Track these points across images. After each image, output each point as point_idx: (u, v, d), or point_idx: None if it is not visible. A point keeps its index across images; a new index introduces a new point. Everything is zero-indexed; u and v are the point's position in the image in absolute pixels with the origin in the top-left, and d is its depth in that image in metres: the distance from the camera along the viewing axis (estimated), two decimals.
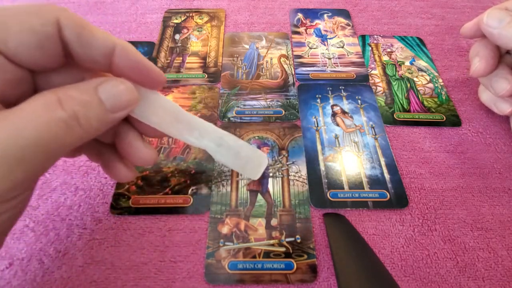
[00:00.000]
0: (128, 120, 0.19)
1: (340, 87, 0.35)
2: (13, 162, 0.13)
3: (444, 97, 0.34)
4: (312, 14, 0.43)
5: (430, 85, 0.35)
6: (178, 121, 0.19)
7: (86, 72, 0.18)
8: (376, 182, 0.28)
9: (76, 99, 0.15)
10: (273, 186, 0.28)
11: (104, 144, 0.20)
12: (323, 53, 0.38)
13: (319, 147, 0.30)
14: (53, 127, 0.14)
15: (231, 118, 0.32)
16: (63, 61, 0.17)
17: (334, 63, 0.37)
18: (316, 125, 0.32)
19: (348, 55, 0.38)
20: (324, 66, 0.37)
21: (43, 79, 0.17)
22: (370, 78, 0.36)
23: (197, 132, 0.19)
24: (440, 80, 0.36)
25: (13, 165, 0.13)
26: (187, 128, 0.19)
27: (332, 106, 0.33)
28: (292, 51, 0.39)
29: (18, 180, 0.14)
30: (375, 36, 0.40)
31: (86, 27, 0.16)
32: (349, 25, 0.42)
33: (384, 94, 0.35)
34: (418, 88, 0.35)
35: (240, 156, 0.19)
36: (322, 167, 0.29)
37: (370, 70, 0.37)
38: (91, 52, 0.16)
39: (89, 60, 0.17)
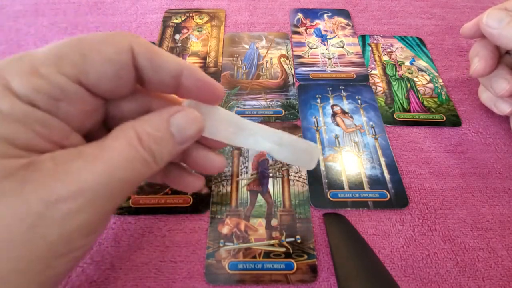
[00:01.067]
0: None
1: (340, 87, 0.35)
2: (106, 199, 0.14)
3: (444, 97, 0.34)
4: (312, 14, 0.43)
5: (430, 85, 0.35)
6: (241, 130, 0.19)
7: (152, 96, 0.18)
8: (376, 182, 0.28)
9: (152, 135, 0.16)
10: (273, 186, 0.28)
11: (171, 164, 0.21)
12: (323, 53, 0.38)
13: (319, 147, 0.30)
14: (138, 165, 0.15)
15: None
16: (135, 88, 0.17)
17: (334, 63, 0.37)
18: (316, 125, 0.32)
19: (348, 55, 0.38)
20: (324, 66, 0.37)
21: (114, 106, 0.17)
22: (370, 78, 0.36)
23: (259, 137, 0.20)
24: (440, 80, 0.36)
25: (105, 202, 0.14)
26: (250, 135, 0.20)
27: (332, 106, 0.33)
28: (292, 51, 0.39)
29: (106, 215, 0.15)
30: (375, 36, 0.40)
31: (157, 52, 0.16)
32: (349, 25, 0.42)
33: (384, 94, 0.35)
34: (418, 88, 0.35)
35: (296, 151, 0.20)
36: (322, 167, 0.29)
37: (370, 70, 0.37)
38: (162, 76, 0.17)
39: (159, 84, 0.17)
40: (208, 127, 0.19)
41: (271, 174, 0.28)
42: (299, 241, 0.25)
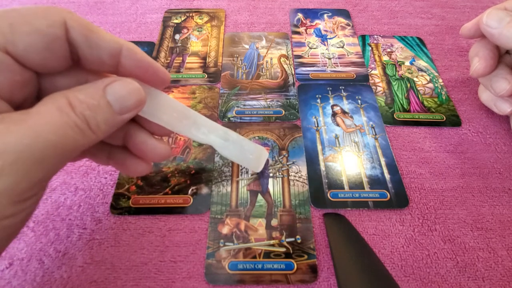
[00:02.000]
0: (136, 120, 0.20)
1: (340, 87, 0.35)
2: (33, 163, 0.14)
3: (444, 97, 0.34)
4: (312, 14, 0.43)
5: (430, 85, 0.35)
6: (186, 118, 0.19)
7: (90, 74, 0.18)
8: (376, 182, 0.28)
9: (85, 103, 0.15)
10: (273, 186, 0.28)
11: (114, 146, 0.20)
12: (323, 53, 0.38)
13: (319, 147, 0.30)
14: (68, 130, 0.14)
15: (231, 118, 0.32)
16: (70, 63, 0.17)
17: (334, 63, 0.37)
18: (316, 125, 0.32)
19: (348, 55, 0.38)
20: (324, 66, 0.37)
21: (48, 81, 0.17)
22: (370, 78, 0.36)
23: (204, 129, 0.19)
24: (440, 80, 0.36)
25: (32, 166, 0.14)
26: (195, 125, 0.19)
27: (332, 106, 0.33)
28: (292, 51, 0.39)
29: (35, 181, 0.14)
30: (375, 36, 0.40)
31: (93, 29, 0.16)
32: (349, 25, 0.42)
33: (384, 94, 0.35)
34: (418, 88, 0.35)
35: (244, 149, 0.20)
36: (322, 167, 0.29)
37: (370, 70, 0.37)
38: (99, 53, 0.16)
39: (96, 61, 0.17)
40: (150, 109, 0.18)
41: (271, 174, 0.28)
42: (299, 241, 0.25)
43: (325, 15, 0.43)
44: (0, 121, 0.14)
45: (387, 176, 0.28)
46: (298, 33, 0.41)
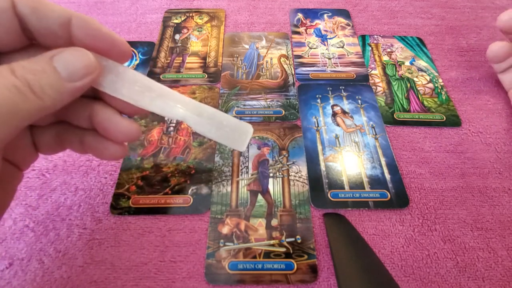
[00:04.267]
0: (101, 99, 0.19)
1: (340, 87, 0.35)
2: None
3: (444, 97, 0.34)
4: (312, 14, 0.43)
5: (430, 85, 0.35)
6: (149, 91, 0.18)
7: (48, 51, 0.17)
8: (376, 182, 0.28)
9: (28, 68, 0.15)
10: (274, 186, 0.28)
11: (86, 130, 0.20)
12: (323, 53, 0.38)
13: (319, 147, 0.30)
14: (5, 92, 0.14)
15: None
16: (24, 40, 0.17)
17: (334, 63, 0.37)
18: (316, 125, 0.32)
19: (348, 55, 0.38)
20: (324, 66, 0.37)
21: (6, 60, 0.16)
22: (370, 78, 0.36)
23: (172, 102, 0.18)
24: (440, 80, 0.36)
25: None
26: (161, 99, 0.18)
27: (332, 106, 0.33)
28: (292, 51, 0.39)
29: None
30: (375, 36, 0.40)
31: (41, 1, 0.16)
32: (349, 25, 0.42)
33: (384, 94, 0.35)
34: (418, 88, 0.35)
35: (222, 125, 0.18)
36: (322, 167, 0.29)
37: (370, 70, 0.37)
38: (48, 24, 0.16)
39: (47, 34, 0.16)
40: (109, 82, 0.17)
41: (271, 174, 0.28)
42: (299, 241, 0.25)
43: (325, 15, 0.43)
44: None
45: (387, 176, 0.28)
46: (298, 33, 0.41)
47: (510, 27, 0.28)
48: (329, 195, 0.27)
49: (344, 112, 0.33)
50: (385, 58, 0.38)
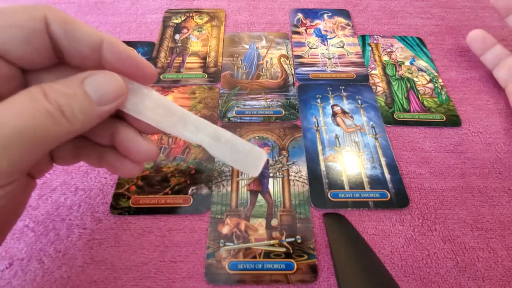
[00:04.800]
0: (124, 118, 0.19)
1: (340, 87, 0.35)
2: None
3: (444, 97, 0.34)
4: (312, 14, 0.43)
5: (430, 85, 0.35)
6: (172, 115, 0.18)
7: (76, 71, 0.17)
8: (376, 182, 0.28)
9: (60, 91, 0.15)
10: (274, 186, 0.28)
11: (105, 147, 0.20)
12: (323, 53, 0.38)
13: (319, 147, 0.30)
14: (38, 116, 0.14)
15: (231, 118, 0.32)
16: (54, 59, 0.17)
17: (334, 63, 0.37)
18: (316, 125, 0.32)
19: (348, 55, 0.38)
20: (324, 66, 0.37)
21: (35, 78, 0.17)
22: (370, 78, 0.36)
23: (192, 127, 0.18)
24: (440, 80, 0.36)
25: None
26: (182, 123, 0.18)
27: (332, 106, 0.33)
28: (292, 51, 0.39)
29: (2, 169, 0.14)
30: (375, 36, 0.40)
31: (73, 22, 0.16)
32: (349, 25, 0.42)
33: (384, 94, 0.35)
34: (418, 88, 0.35)
35: (238, 150, 0.19)
36: (322, 167, 0.29)
37: (370, 70, 0.37)
38: (79, 46, 0.16)
39: (78, 55, 0.17)
40: (134, 105, 0.18)
41: (271, 174, 0.28)
42: (299, 241, 0.25)
43: (325, 15, 0.43)
44: None
45: (387, 176, 0.28)
46: (298, 33, 0.41)
47: (504, 4, 0.29)
48: (329, 195, 0.27)
49: (344, 112, 0.33)
50: (385, 58, 0.38)
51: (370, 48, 0.39)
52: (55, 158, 0.20)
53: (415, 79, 0.36)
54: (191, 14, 0.42)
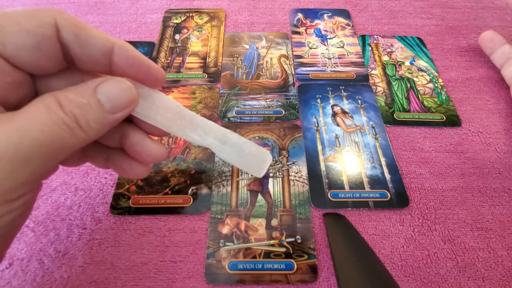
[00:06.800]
0: (132, 121, 0.19)
1: (340, 87, 0.35)
2: (18, 162, 0.13)
3: (444, 97, 0.34)
4: (312, 14, 0.43)
5: (430, 85, 0.35)
6: (181, 119, 0.18)
7: (86, 75, 0.18)
8: (376, 182, 0.28)
9: (75, 101, 0.15)
10: (274, 186, 0.28)
11: (112, 149, 0.20)
12: (323, 53, 0.38)
13: (319, 147, 0.30)
14: (56, 128, 0.14)
15: (231, 118, 0.32)
16: (63, 64, 0.17)
17: (334, 63, 0.37)
18: (316, 125, 0.32)
19: (348, 55, 0.38)
20: (324, 66, 0.37)
21: (43, 83, 0.17)
22: (370, 78, 0.36)
23: (201, 130, 0.19)
24: (440, 80, 0.36)
25: (18, 165, 0.13)
26: (191, 126, 0.19)
27: (332, 106, 0.33)
28: (292, 51, 0.39)
29: (22, 180, 0.14)
30: (375, 36, 0.40)
31: (84, 27, 0.16)
32: (349, 25, 0.42)
33: (384, 94, 0.35)
34: (418, 88, 0.35)
35: (244, 153, 0.19)
36: (322, 167, 0.29)
37: (370, 70, 0.37)
38: (90, 51, 0.16)
39: (88, 60, 0.16)
40: (143, 109, 0.18)
41: (271, 174, 0.28)
42: (299, 241, 0.25)
43: (325, 15, 0.43)
44: None
45: (387, 176, 0.28)
46: (298, 33, 0.41)
47: None
48: (329, 195, 0.27)
49: (344, 112, 0.33)
50: (385, 58, 0.38)
51: (370, 48, 0.39)
52: (62, 161, 0.20)
53: (415, 79, 0.36)
54: (191, 14, 0.42)
